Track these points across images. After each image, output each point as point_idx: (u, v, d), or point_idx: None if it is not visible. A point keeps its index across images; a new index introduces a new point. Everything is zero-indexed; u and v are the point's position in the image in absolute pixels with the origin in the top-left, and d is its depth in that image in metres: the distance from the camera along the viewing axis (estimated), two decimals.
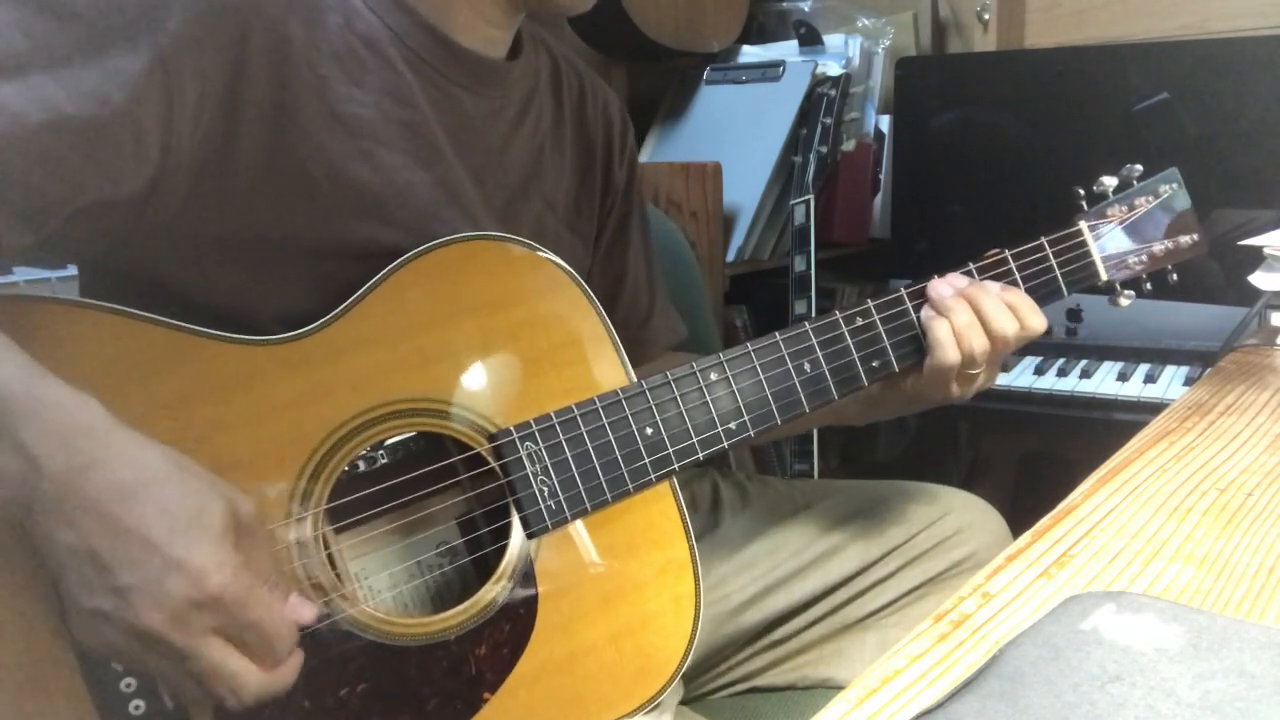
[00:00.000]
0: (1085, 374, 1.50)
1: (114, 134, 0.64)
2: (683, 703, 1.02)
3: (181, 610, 0.56)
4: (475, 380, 0.75)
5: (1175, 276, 0.97)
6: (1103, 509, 0.72)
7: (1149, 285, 0.97)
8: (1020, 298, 0.87)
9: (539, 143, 0.91)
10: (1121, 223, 0.95)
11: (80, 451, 0.56)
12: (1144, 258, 0.95)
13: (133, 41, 0.64)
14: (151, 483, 0.57)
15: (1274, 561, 0.63)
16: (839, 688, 0.70)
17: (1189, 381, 1.41)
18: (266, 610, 0.59)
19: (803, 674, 1.06)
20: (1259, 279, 1.11)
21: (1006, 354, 0.89)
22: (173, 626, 0.57)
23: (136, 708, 0.63)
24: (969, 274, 0.89)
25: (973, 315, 0.85)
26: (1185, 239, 0.97)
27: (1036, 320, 0.87)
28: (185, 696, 0.62)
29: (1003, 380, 1.51)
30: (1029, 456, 1.88)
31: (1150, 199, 0.96)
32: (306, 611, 0.63)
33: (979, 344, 0.85)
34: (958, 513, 1.06)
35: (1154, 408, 1.25)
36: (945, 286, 0.86)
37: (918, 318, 0.87)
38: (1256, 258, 1.11)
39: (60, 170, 0.62)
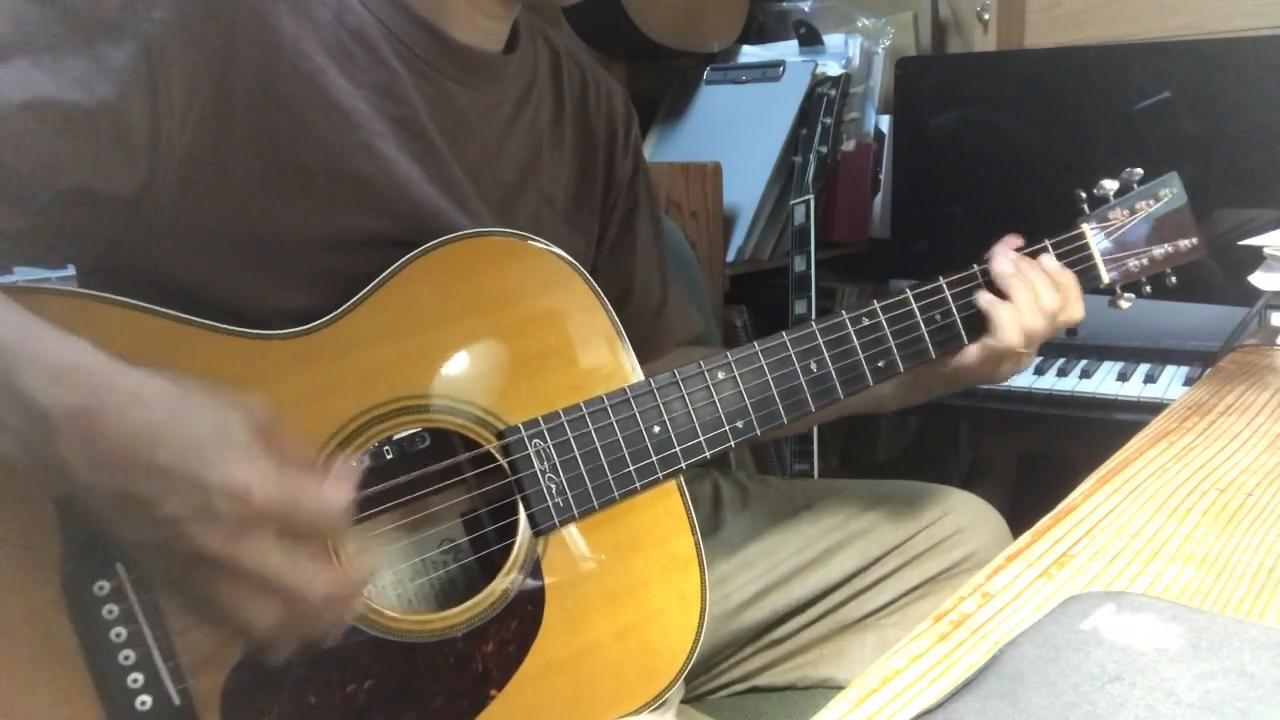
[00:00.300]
0: (1085, 374, 1.50)
1: (95, 122, 0.64)
2: (683, 702, 1.02)
3: (239, 528, 0.56)
4: (483, 377, 0.75)
5: (1174, 280, 0.97)
6: (1103, 509, 0.72)
7: (1148, 288, 0.97)
8: (1069, 280, 0.89)
9: (537, 137, 0.91)
10: (1122, 226, 0.95)
11: (82, 391, 0.55)
12: (1144, 261, 0.96)
13: (119, 32, 0.64)
14: (168, 414, 0.57)
15: (1274, 561, 0.63)
16: (839, 687, 0.70)
17: (1189, 381, 1.42)
18: (318, 497, 0.58)
19: (803, 674, 1.06)
20: (1259, 279, 1.11)
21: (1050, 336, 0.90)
22: (233, 544, 0.56)
23: (143, 703, 0.63)
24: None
25: (1032, 295, 0.86)
26: (1185, 242, 0.97)
27: (1077, 308, 0.89)
28: (258, 618, 0.59)
29: None
30: (1029, 456, 1.89)
31: (1150, 202, 0.96)
32: (347, 474, 0.62)
33: (1037, 325, 0.86)
34: (958, 513, 1.06)
35: (1154, 408, 1.25)
36: (1007, 264, 0.88)
37: (923, 317, 0.87)
38: (1256, 258, 1.12)
39: (37, 151, 0.62)
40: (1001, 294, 0.88)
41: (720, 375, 0.81)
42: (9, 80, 0.61)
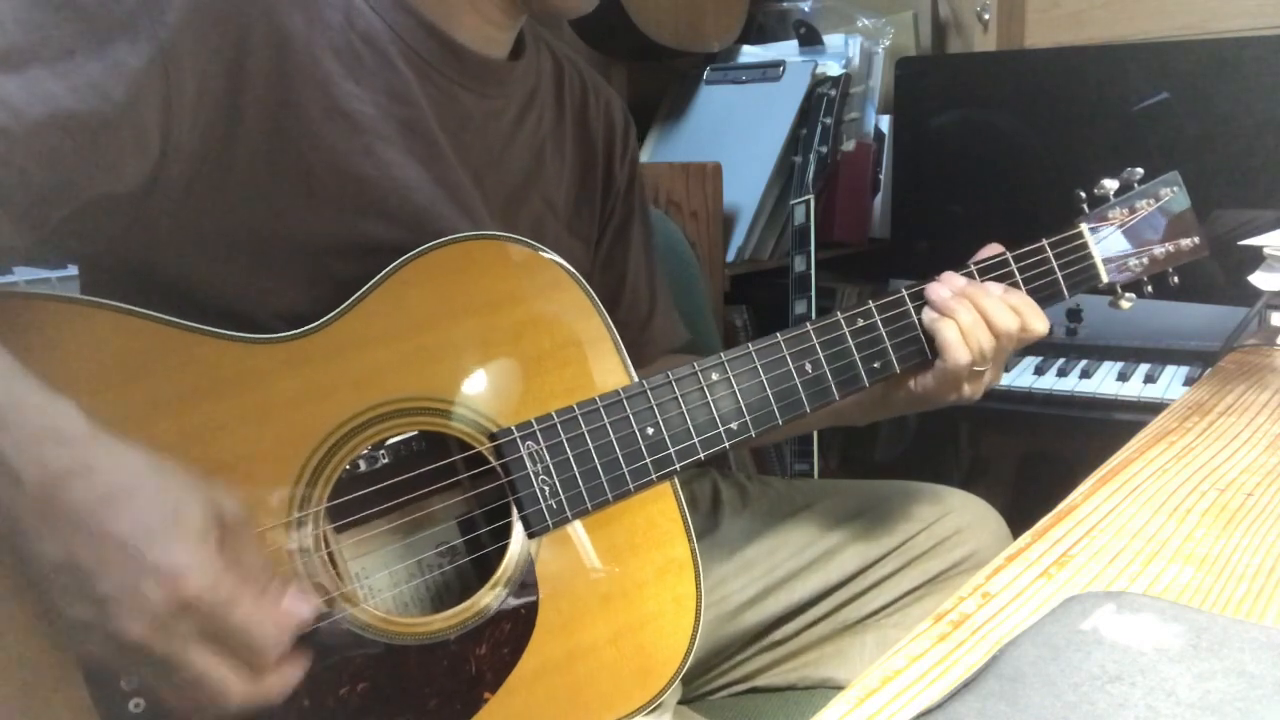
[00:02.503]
0: (1085, 374, 1.50)
1: (115, 129, 0.64)
2: (682, 702, 1.02)
3: (161, 617, 0.55)
4: (476, 379, 0.75)
5: (1176, 279, 0.97)
6: (1103, 509, 0.72)
7: (1149, 288, 0.97)
8: (1022, 300, 0.88)
9: (539, 143, 0.91)
10: (1122, 225, 0.95)
11: (57, 459, 0.55)
12: (1145, 260, 0.95)
13: (133, 34, 0.64)
14: (130, 487, 0.56)
15: (1274, 561, 0.63)
16: (839, 688, 0.70)
17: (1189, 381, 1.41)
18: (251, 614, 0.57)
19: (803, 674, 1.06)
20: (1259, 279, 1.11)
21: (1010, 352, 0.89)
22: (153, 634, 0.55)
23: (136, 705, 0.63)
24: (970, 274, 0.89)
25: (976, 314, 0.85)
26: (1186, 242, 0.97)
27: (1039, 323, 0.87)
28: (178, 703, 0.60)
29: (1003, 380, 1.51)
30: (1029, 456, 1.88)
31: (1151, 202, 0.96)
32: (303, 608, 0.61)
33: (986, 341, 0.85)
34: (958, 513, 1.06)
35: (1154, 408, 1.25)
36: (944, 289, 0.86)
37: (919, 319, 0.87)
38: (1256, 258, 1.11)
39: (61, 166, 0.62)
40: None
41: (714, 376, 0.80)
42: (27, 92, 0.60)
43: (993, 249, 0.92)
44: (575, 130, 0.96)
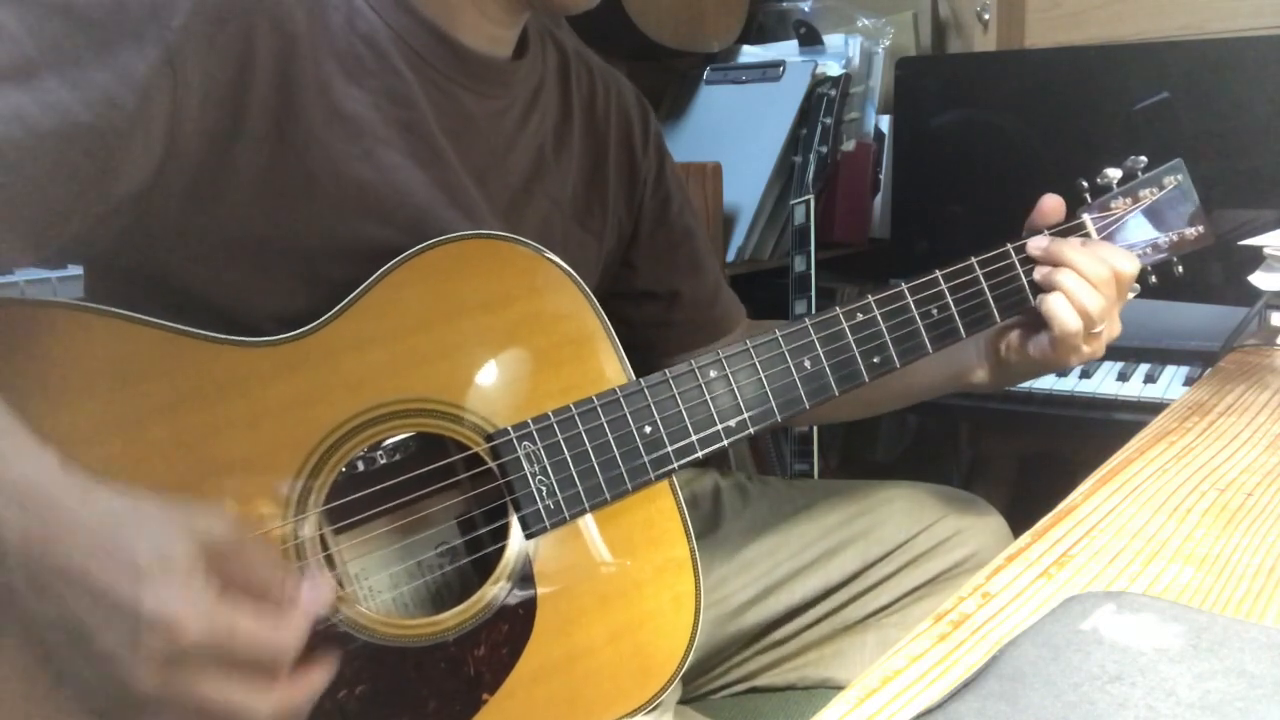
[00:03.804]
0: (1085, 374, 1.49)
1: (125, 137, 0.63)
2: (682, 702, 1.02)
3: (167, 665, 0.54)
4: (472, 380, 0.74)
5: (1181, 269, 0.96)
6: (1103, 509, 0.72)
7: (1154, 279, 0.96)
8: (1101, 246, 0.89)
9: (544, 141, 0.90)
10: (1126, 214, 0.94)
11: (41, 520, 0.54)
12: (1149, 250, 0.95)
13: (140, 40, 0.64)
14: (115, 537, 0.55)
15: (1274, 561, 0.63)
16: (839, 688, 0.70)
17: (1189, 381, 1.41)
18: (256, 632, 0.57)
19: (803, 674, 1.06)
20: (1259, 279, 1.11)
21: (1121, 303, 0.90)
22: (165, 681, 0.55)
23: None
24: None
25: (1077, 276, 0.86)
26: (1190, 230, 0.96)
27: (1127, 262, 0.88)
28: None
29: None
30: (1029, 456, 1.88)
31: (1155, 190, 0.95)
32: (319, 595, 0.61)
33: (1092, 302, 0.86)
34: (958, 513, 1.06)
35: (1154, 408, 1.25)
36: (1044, 243, 0.88)
37: (919, 312, 0.87)
38: (1256, 258, 1.11)
39: (75, 178, 0.62)
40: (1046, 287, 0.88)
41: (712, 374, 0.80)
42: (38, 104, 0.60)
43: (1054, 208, 0.92)
44: (584, 124, 0.95)
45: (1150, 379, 1.45)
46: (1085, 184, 0.94)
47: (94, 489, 0.56)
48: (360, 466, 0.73)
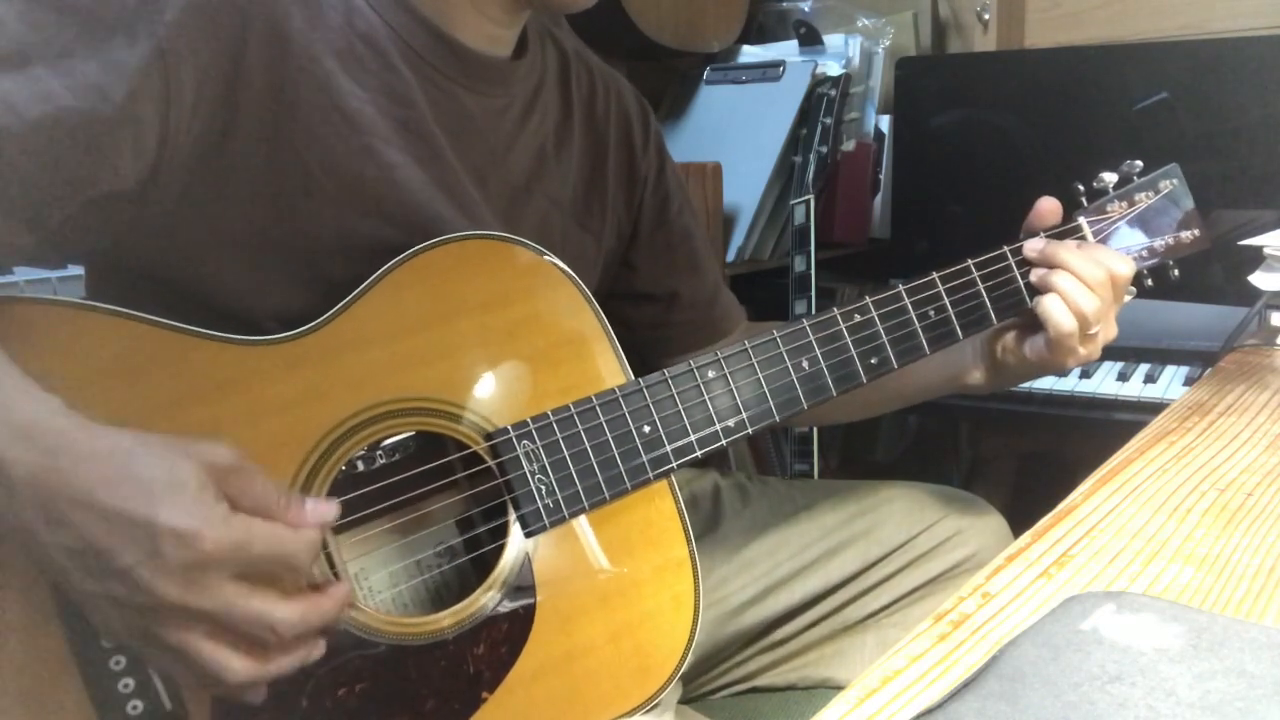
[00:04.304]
0: (1085, 374, 1.49)
1: (115, 128, 0.64)
2: (683, 702, 1.02)
3: (189, 573, 0.56)
4: (472, 379, 0.74)
5: (1177, 272, 0.96)
6: (1103, 509, 0.71)
7: (1149, 281, 0.96)
8: (1097, 248, 0.89)
9: (544, 140, 0.90)
10: (1122, 218, 0.94)
11: (43, 450, 0.56)
12: (1145, 253, 0.95)
13: (132, 33, 0.64)
14: (123, 464, 0.57)
15: (1274, 561, 0.63)
16: (839, 688, 0.70)
17: (1189, 381, 1.41)
18: (273, 538, 0.59)
19: (803, 674, 1.06)
20: (1259, 279, 1.11)
21: (1118, 306, 0.90)
22: (187, 591, 0.56)
23: (134, 707, 0.63)
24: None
25: (1073, 278, 0.86)
26: (1186, 234, 0.96)
27: (1121, 265, 0.88)
28: (225, 669, 0.59)
29: None
30: (1029, 456, 1.88)
31: (1151, 194, 0.95)
32: (324, 509, 0.63)
33: (1088, 304, 0.85)
34: (958, 513, 1.06)
35: (1154, 408, 1.25)
36: (1041, 246, 0.88)
37: (916, 313, 0.87)
38: (1256, 258, 1.11)
39: (61, 166, 0.62)
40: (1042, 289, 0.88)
41: (710, 374, 0.80)
42: (27, 91, 0.60)
43: (1049, 211, 0.92)
44: (583, 125, 0.95)
45: (1150, 379, 1.45)
46: (1081, 187, 0.95)
47: (98, 426, 0.58)
48: (360, 465, 0.73)
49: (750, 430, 0.81)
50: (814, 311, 1.67)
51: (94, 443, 0.57)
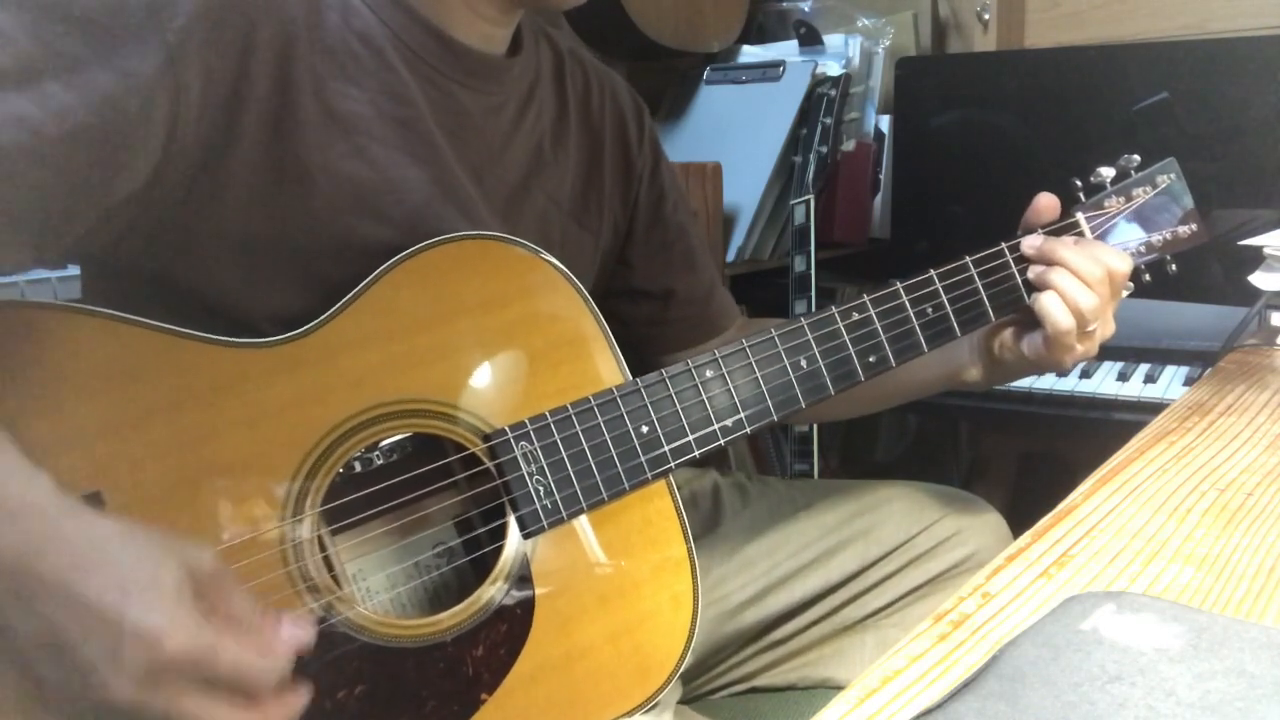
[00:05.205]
0: (1085, 374, 1.49)
1: (129, 140, 0.64)
2: (682, 702, 1.02)
3: (148, 676, 0.55)
4: (470, 380, 0.74)
5: (1174, 267, 0.96)
6: (1103, 509, 0.71)
7: (1147, 277, 0.96)
8: (1095, 244, 0.89)
9: (540, 138, 0.90)
10: (1119, 214, 0.94)
11: (27, 534, 0.54)
12: (1142, 248, 0.95)
13: (141, 42, 0.64)
14: (100, 553, 0.56)
15: (1274, 561, 0.63)
16: (839, 688, 0.70)
17: (1189, 381, 1.41)
18: (239, 655, 0.57)
19: (803, 674, 1.06)
20: (1259, 279, 1.10)
21: (1115, 302, 0.89)
22: (144, 693, 0.55)
23: None
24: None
25: (1070, 275, 0.86)
26: (1184, 229, 0.96)
27: (1119, 261, 0.87)
28: None
29: None
30: (1029, 456, 1.88)
31: (1148, 189, 0.95)
32: (300, 633, 0.61)
33: (1086, 301, 0.85)
34: (957, 513, 1.06)
35: (1154, 408, 1.25)
36: (1039, 243, 0.88)
37: (914, 310, 0.86)
38: (1256, 258, 1.11)
39: (79, 181, 0.62)
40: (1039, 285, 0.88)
41: (708, 374, 0.80)
42: (40, 107, 0.60)
43: (1047, 207, 0.92)
44: (579, 123, 0.95)
45: (1150, 379, 1.45)
46: (1079, 183, 0.94)
47: (85, 511, 0.57)
48: (358, 467, 0.73)
49: (749, 430, 0.81)
50: (813, 311, 1.68)
51: (79, 529, 0.56)
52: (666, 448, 0.78)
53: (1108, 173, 0.95)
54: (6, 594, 0.54)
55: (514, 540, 0.74)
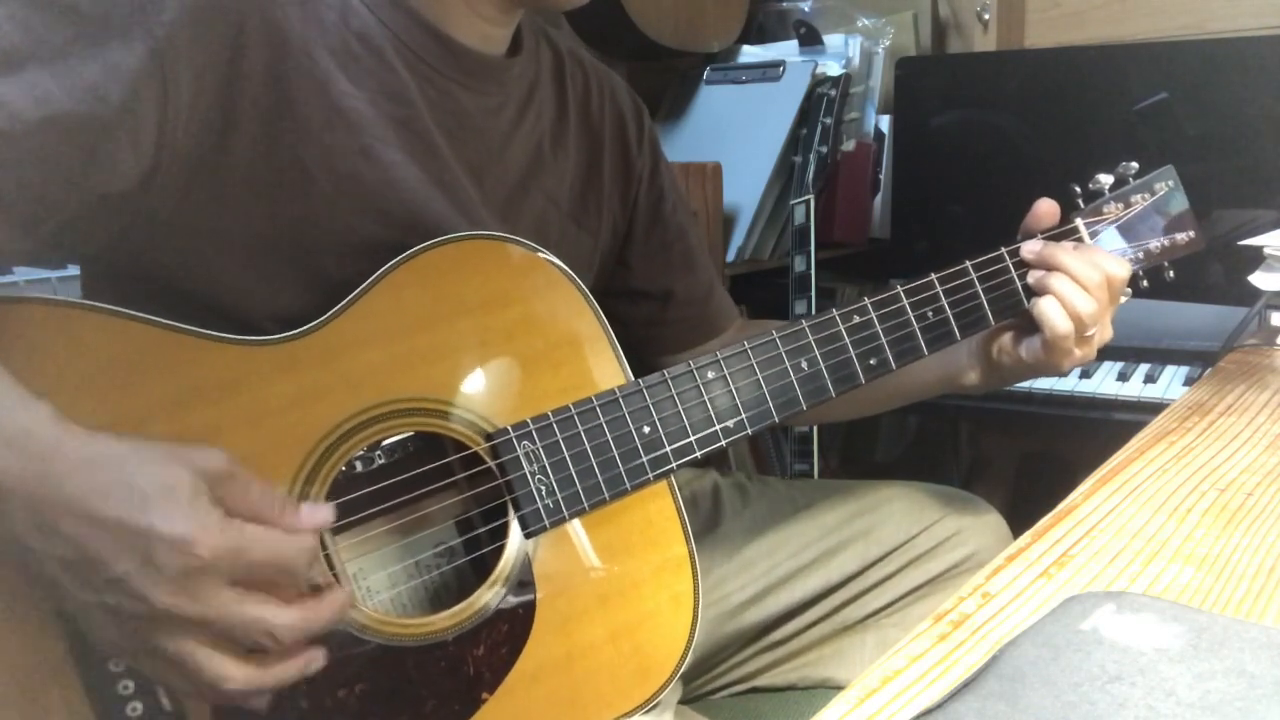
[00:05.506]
0: (1085, 374, 1.49)
1: (112, 130, 0.64)
2: (683, 702, 1.02)
3: (185, 580, 0.56)
4: (472, 380, 0.74)
5: (1172, 274, 0.97)
6: (1103, 509, 0.71)
7: (1145, 283, 0.97)
8: (1093, 250, 0.89)
9: (540, 138, 0.90)
10: (1117, 220, 0.94)
11: (32, 457, 0.55)
12: (1140, 255, 0.95)
13: (128, 35, 0.64)
14: (114, 470, 0.57)
15: (1274, 561, 0.63)
16: (839, 688, 0.70)
17: (1189, 381, 1.41)
18: (270, 543, 0.59)
19: (803, 674, 1.06)
20: (1259, 279, 1.11)
21: (1113, 308, 0.90)
22: (182, 598, 0.56)
23: (134, 709, 0.63)
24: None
25: (1069, 280, 0.86)
26: (1181, 236, 0.96)
27: (1118, 267, 0.88)
28: (223, 677, 0.59)
29: None
30: (1029, 456, 1.88)
31: (1146, 196, 0.96)
32: (322, 512, 0.63)
33: (1084, 306, 0.85)
34: (957, 513, 1.06)
35: (1154, 408, 1.25)
36: (1038, 248, 0.88)
37: (915, 314, 0.87)
38: (1256, 258, 1.11)
39: (59, 168, 0.62)
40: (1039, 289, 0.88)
41: (710, 375, 0.80)
42: (25, 94, 0.60)
43: (1047, 212, 0.92)
44: (578, 123, 0.95)
45: (1150, 379, 1.45)
46: (1078, 189, 0.95)
47: (90, 433, 0.58)
48: (359, 466, 0.73)
49: (750, 431, 0.81)
50: (814, 311, 1.68)
51: (86, 450, 0.57)
52: (668, 448, 0.78)
53: (1106, 179, 0.95)
54: (26, 521, 0.55)
55: (515, 540, 0.74)
